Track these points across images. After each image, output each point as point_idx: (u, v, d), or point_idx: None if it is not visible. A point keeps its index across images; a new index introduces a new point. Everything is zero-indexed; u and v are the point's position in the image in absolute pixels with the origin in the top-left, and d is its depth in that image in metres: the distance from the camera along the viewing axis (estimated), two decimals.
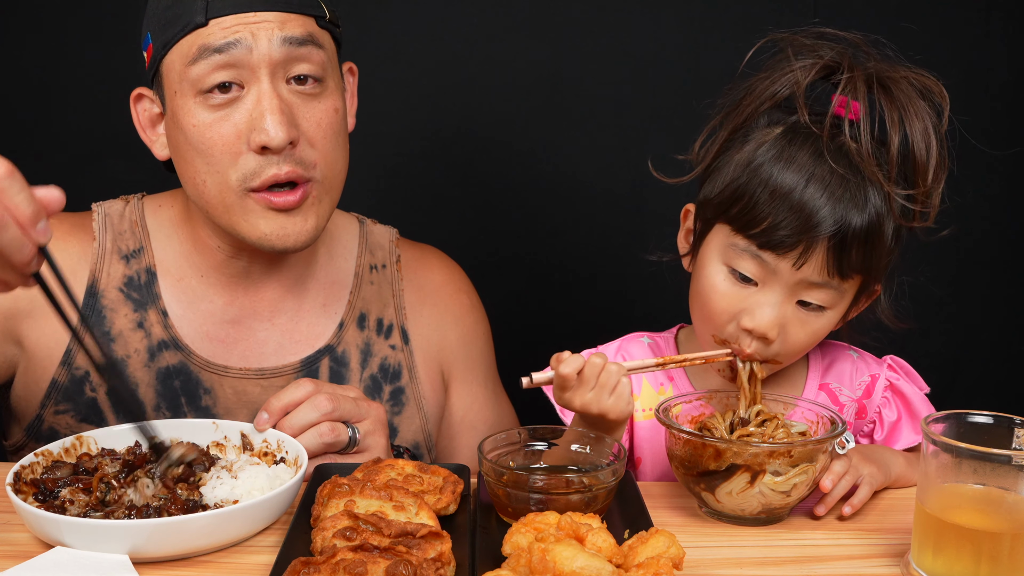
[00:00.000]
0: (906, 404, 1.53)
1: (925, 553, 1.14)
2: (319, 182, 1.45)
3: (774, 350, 1.39)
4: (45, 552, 1.14)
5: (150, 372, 1.52)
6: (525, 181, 2.32)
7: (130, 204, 1.59)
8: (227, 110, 1.39)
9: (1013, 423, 1.16)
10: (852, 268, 1.35)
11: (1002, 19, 2.26)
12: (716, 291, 1.40)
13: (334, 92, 1.47)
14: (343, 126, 1.49)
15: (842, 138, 1.35)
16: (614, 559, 1.07)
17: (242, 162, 1.40)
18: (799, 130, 1.38)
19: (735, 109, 1.44)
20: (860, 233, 1.33)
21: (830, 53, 1.39)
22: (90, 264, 1.54)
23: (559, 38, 2.25)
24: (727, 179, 1.39)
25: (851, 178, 1.33)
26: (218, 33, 1.37)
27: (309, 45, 1.41)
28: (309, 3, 1.44)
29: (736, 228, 1.37)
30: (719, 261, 1.40)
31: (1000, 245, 2.38)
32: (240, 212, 1.43)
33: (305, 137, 1.42)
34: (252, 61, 1.38)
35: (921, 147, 1.36)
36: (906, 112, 1.36)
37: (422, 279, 1.70)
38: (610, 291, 2.35)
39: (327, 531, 1.11)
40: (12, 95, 2.23)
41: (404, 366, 1.64)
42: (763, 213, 1.34)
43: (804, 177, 1.33)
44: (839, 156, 1.34)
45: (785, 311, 1.37)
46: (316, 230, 1.47)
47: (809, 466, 1.27)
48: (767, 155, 1.36)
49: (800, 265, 1.33)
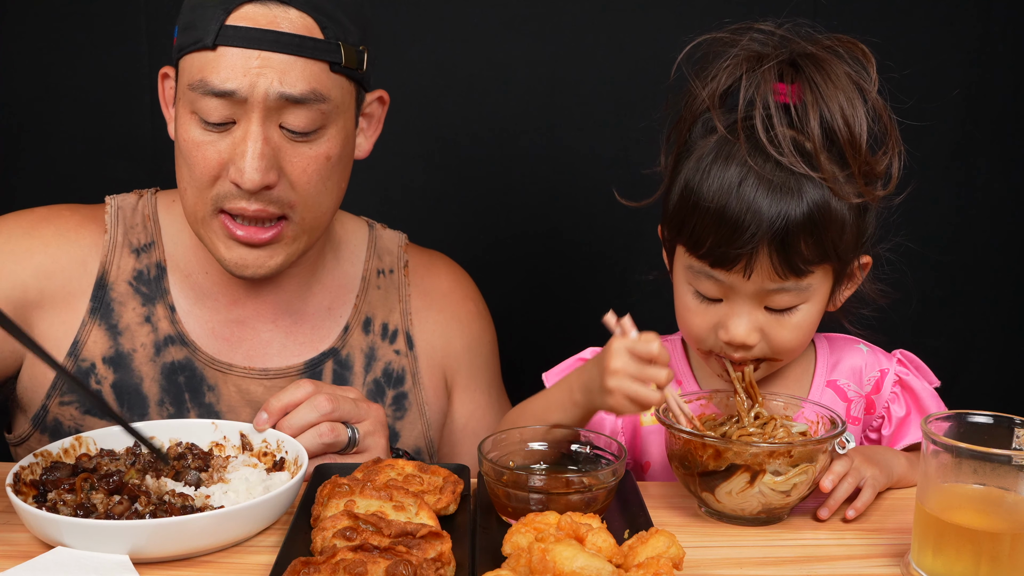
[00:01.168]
0: (915, 400, 1.52)
1: (925, 553, 1.14)
2: (296, 223, 1.44)
3: (760, 351, 1.40)
4: (45, 552, 1.14)
5: (155, 367, 1.53)
6: (526, 182, 2.32)
7: (143, 198, 1.60)
8: (217, 136, 1.39)
9: (1013, 423, 1.16)
10: (806, 262, 1.33)
11: (1002, 19, 2.26)
12: (689, 310, 1.42)
13: (333, 138, 1.43)
14: (337, 168, 1.46)
15: (762, 141, 1.32)
16: (614, 559, 1.07)
17: (219, 185, 1.41)
18: (725, 141, 1.36)
19: (680, 122, 1.44)
20: (801, 226, 1.30)
21: (752, 46, 1.38)
22: (100, 256, 1.54)
23: (560, 38, 2.24)
24: (675, 200, 1.40)
25: (780, 178, 1.31)
26: (220, 72, 1.35)
27: (310, 102, 1.38)
28: (324, 48, 1.38)
29: (689, 250, 1.38)
30: (685, 282, 1.42)
31: (1000, 245, 2.38)
32: (207, 229, 1.45)
33: (288, 179, 1.41)
34: (247, 105, 1.36)
35: (840, 123, 1.32)
36: (823, 90, 1.33)
37: (429, 285, 1.70)
38: (613, 293, 2.34)
39: (327, 531, 1.11)
40: (12, 95, 2.23)
41: (408, 371, 1.64)
42: (704, 234, 1.33)
43: (729, 193, 1.31)
44: (764, 160, 1.32)
45: (756, 318, 1.37)
46: (282, 265, 1.47)
47: (809, 466, 1.26)
48: (698, 174, 1.35)
49: (749, 275, 1.33)
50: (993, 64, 2.28)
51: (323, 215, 1.48)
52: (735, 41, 1.39)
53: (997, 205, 2.35)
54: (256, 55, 1.35)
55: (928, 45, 2.25)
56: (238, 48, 1.35)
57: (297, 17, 1.36)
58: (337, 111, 1.42)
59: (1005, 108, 2.30)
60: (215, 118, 1.37)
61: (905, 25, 2.24)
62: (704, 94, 1.38)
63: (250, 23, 1.35)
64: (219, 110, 1.37)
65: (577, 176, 2.31)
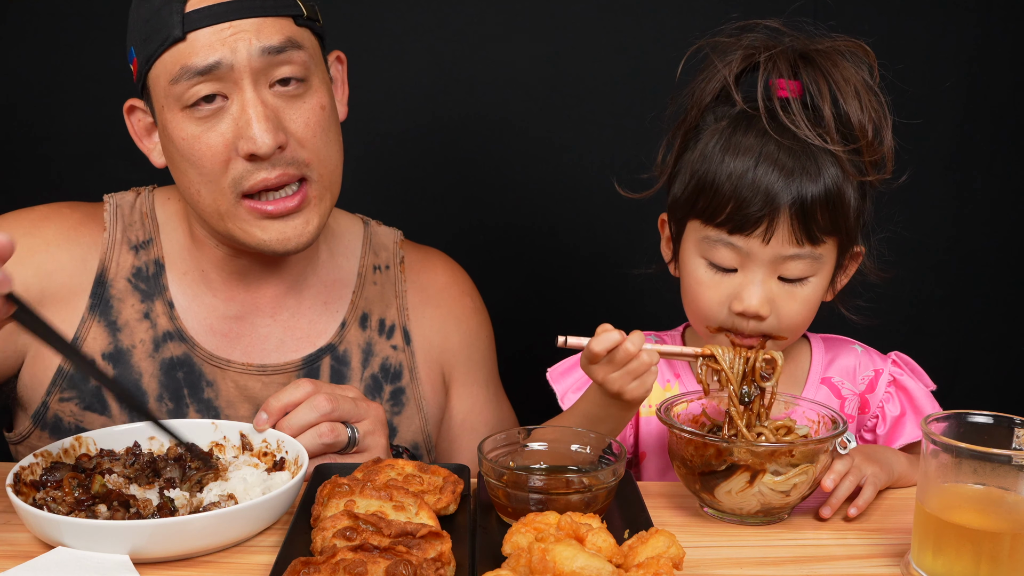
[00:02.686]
0: (910, 400, 1.53)
1: (925, 553, 1.14)
2: (316, 181, 1.46)
3: (771, 325, 1.41)
4: (46, 552, 1.14)
5: (154, 362, 1.53)
6: (525, 180, 2.32)
7: (141, 196, 1.61)
8: (213, 121, 1.40)
9: (1013, 423, 1.16)
10: (821, 231, 1.39)
11: (1002, 18, 2.26)
12: (701, 284, 1.44)
13: (319, 89, 1.47)
14: (332, 120, 1.49)
15: (781, 116, 1.40)
16: (614, 559, 1.07)
17: (232, 168, 1.41)
18: (742, 117, 1.43)
19: (684, 116, 1.50)
20: (819, 198, 1.37)
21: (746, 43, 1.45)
22: (100, 254, 1.55)
23: (560, 36, 2.24)
24: (687, 177, 1.45)
25: (798, 149, 1.38)
26: (198, 52, 1.38)
27: (289, 50, 1.41)
28: (285, 4, 1.43)
29: (705, 220, 1.41)
30: (697, 255, 1.44)
31: (1000, 245, 2.38)
32: (235, 219, 1.45)
33: (294, 138, 1.43)
34: (234, 74, 1.39)
35: (854, 106, 1.41)
36: (831, 77, 1.41)
37: (425, 281, 1.71)
38: (612, 290, 2.34)
39: (327, 531, 1.11)
40: (13, 95, 2.23)
41: (405, 367, 1.65)
42: (725, 200, 1.38)
43: (754, 157, 1.38)
44: (782, 131, 1.39)
45: (770, 287, 1.40)
46: (318, 230, 1.48)
47: (809, 466, 1.27)
48: (716, 146, 1.42)
49: (768, 239, 1.37)
50: (992, 64, 2.28)
51: (335, 169, 1.50)
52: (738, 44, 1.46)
53: (996, 205, 2.35)
54: (227, 26, 1.38)
55: (927, 45, 2.25)
56: (207, 27, 1.38)
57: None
58: (313, 61, 1.46)
59: (1004, 108, 2.30)
60: (205, 92, 1.39)
61: (905, 25, 2.24)
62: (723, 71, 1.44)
63: (210, 1, 1.38)
64: (209, 87, 1.39)
65: (576, 174, 2.31)
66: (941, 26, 2.25)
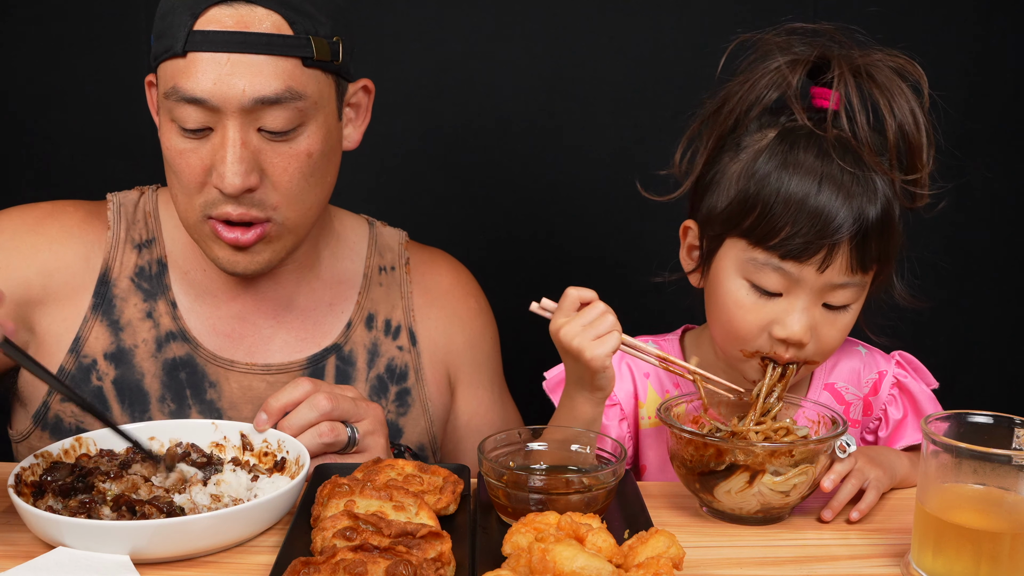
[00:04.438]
0: (912, 402, 1.52)
1: (925, 553, 1.14)
2: (280, 223, 1.44)
3: (809, 352, 1.38)
4: (46, 552, 1.14)
5: (157, 363, 1.53)
6: (526, 181, 2.31)
7: (145, 195, 1.61)
8: (198, 143, 1.39)
9: (1013, 423, 1.16)
10: (872, 260, 1.34)
11: (1001, 20, 2.26)
12: (741, 307, 1.37)
13: (313, 134, 1.42)
14: (319, 165, 1.44)
15: (839, 132, 1.34)
16: (614, 559, 1.07)
17: (205, 191, 1.41)
18: (797, 131, 1.36)
19: (716, 116, 1.42)
20: (877, 224, 1.32)
21: (806, 49, 1.38)
22: (103, 252, 1.55)
23: (561, 37, 2.24)
24: (731, 192, 1.37)
25: (858, 172, 1.32)
26: (192, 76, 1.35)
27: (285, 100, 1.37)
28: (293, 44, 1.37)
29: (753, 241, 1.34)
30: (738, 276, 1.37)
31: (1000, 245, 2.38)
32: (199, 232, 1.46)
33: (270, 180, 1.41)
34: (221, 112, 1.36)
35: (912, 128, 1.35)
36: (892, 95, 1.35)
37: (430, 282, 1.71)
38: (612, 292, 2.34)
39: (327, 531, 1.11)
40: (12, 95, 2.23)
41: (411, 367, 1.65)
42: (780, 223, 1.31)
43: (815, 180, 1.31)
44: (843, 152, 1.33)
45: (813, 315, 1.36)
46: (269, 263, 1.47)
47: (809, 467, 1.26)
48: (771, 163, 1.34)
49: (824, 268, 1.32)
50: (993, 65, 2.28)
51: (308, 211, 1.47)
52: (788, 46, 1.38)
53: (996, 205, 2.35)
54: (226, 58, 1.34)
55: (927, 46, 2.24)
56: (208, 53, 1.35)
57: (264, 15, 1.36)
58: (315, 107, 1.41)
59: (1005, 109, 2.29)
60: (192, 124, 1.37)
61: (905, 26, 2.24)
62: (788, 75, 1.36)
63: (217, 26, 1.34)
64: (195, 117, 1.37)
65: (578, 175, 2.31)
66: (941, 26, 2.25)
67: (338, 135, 1.50)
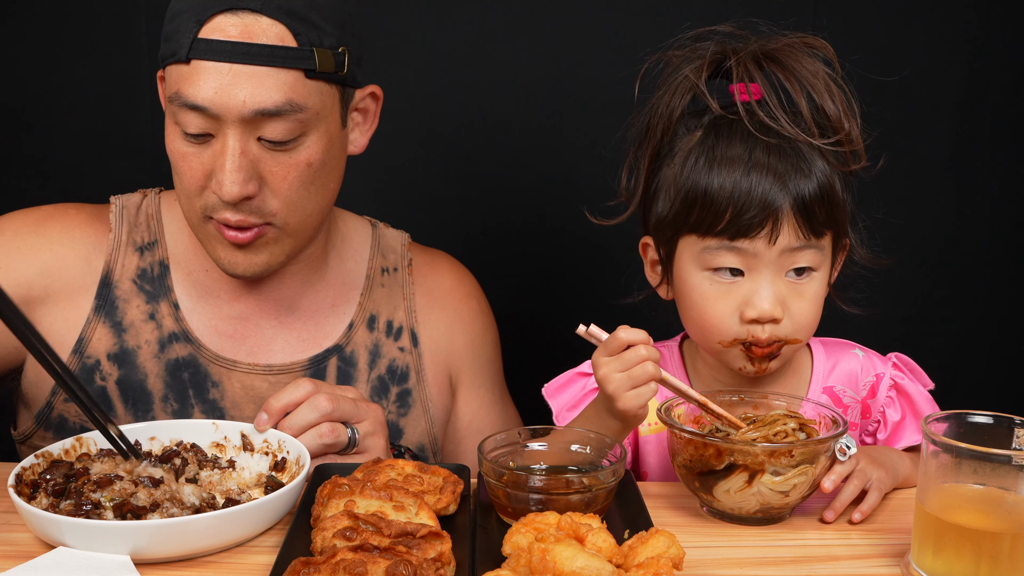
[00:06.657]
0: (910, 403, 1.53)
1: (925, 553, 1.14)
2: (279, 227, 1.45)
3: (786, 328, 1.40)
4: (47, 552, 1.14)
5: (159, 363, 1.54)
6: (526, 182, 2.31)
7: (147, 197, 1.62)
8: (199, 147, 1.40)
9: (1013, 423, 1.16)
10: (822, 225, 1.39)
11: (1001, 20, 2.26)
12: (708, 298, 1.42)
13: (315, 144, 1.42)
14: (320, 173, 1.45)
15: (759, 118, 1.40)
16: (614, 559, 1.07)
17: (205, 195, 1.43)
18: (718, 124, 1.43)
19: (646, 134, 1.49)
20: (815, 195, 1.37)
21: (711, 48, 1.45)
22: (105, 254, 1.56)
23: (561, 36, 2.24)
24: (672, 194, 1.44)
25: (785, 148, 1.39)
26: (194, 83, 1.35)
27: (286, 113, 1.37)
28: (296, 56, 1.37)
29: (702, 233, 1.40)
30: (698, 269, 1.42)
31: (1000, 245, 2.38)
32: (202, 232, 1.47)
33: (269, 187, 1.42)
34: (221, 121, 1.36)
35: (827, 100, 1.41)
36: (800, 74, 1.41)
37: (432, 283, 1.71)
38: (613, 295, 2.34)
39: (327, 531, 1.11)
40: (12, 95, 2.23)
41: (412, 368, 1.65)
42: (721, 208, 1.37)
43: (743, 165, 1.38)
44: (766, 131, 1.39)
45: (779, 287, 1.39)
46: (268, 265, 1.48)
47: (809, 467, 1.26)
48: (701, 158, 1.41)
49: (775, 239, 1.37)
50: (992, 65, 2.27)
51: (308, 218, 1.48)
52: (694, 54, 1.46)
53: (996, 205, 2.35)
54: (228, 68, 1.35)
55: (927, 46, 2.25)
56: (210, 61, 1.35)
57: (269, 26, 1.36)
58: (317, 118, 1.42)
59: (1003, 109, 2.29)
60: (193, 129, 1.38)
61: (904, 26, 2.24)
62: (693, 78, 1.44)
63: (222, 35, 1.35)
64: (196, 123, 1.38)
65: (579, 175, 2.30)
66: (941, 26, 2.25)
67: (342, 142, 1.50)
